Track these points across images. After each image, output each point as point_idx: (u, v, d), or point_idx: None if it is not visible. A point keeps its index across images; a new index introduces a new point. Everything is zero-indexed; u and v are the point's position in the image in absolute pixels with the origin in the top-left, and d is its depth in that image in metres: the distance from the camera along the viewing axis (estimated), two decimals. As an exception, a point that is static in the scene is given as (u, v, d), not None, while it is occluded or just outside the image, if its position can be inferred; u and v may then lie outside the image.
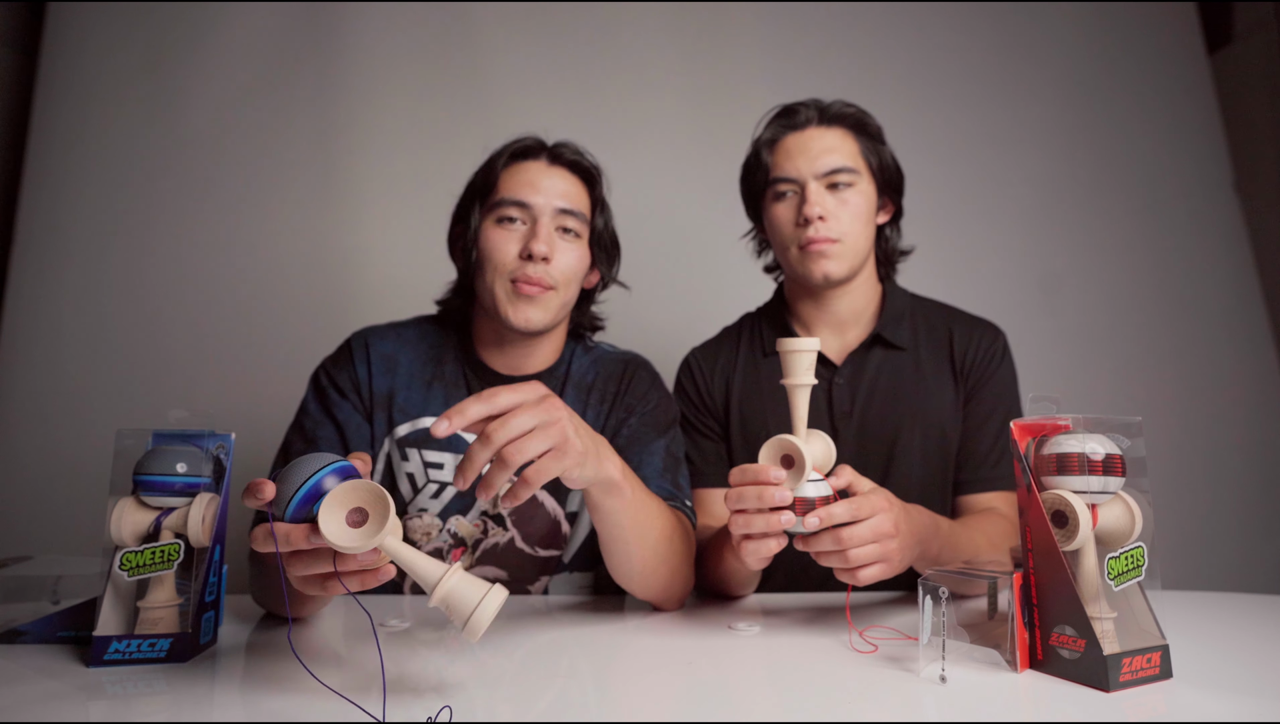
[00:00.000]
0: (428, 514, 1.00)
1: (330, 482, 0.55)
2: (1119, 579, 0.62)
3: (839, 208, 1.05)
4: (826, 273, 1.05)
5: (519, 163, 1.01)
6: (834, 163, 1.05)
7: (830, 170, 1.05)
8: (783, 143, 1.08)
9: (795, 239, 1.06)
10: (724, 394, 1.14)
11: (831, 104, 1.09)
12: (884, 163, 1.10)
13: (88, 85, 1.78)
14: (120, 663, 0.66)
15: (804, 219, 1.04)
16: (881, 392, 1.09)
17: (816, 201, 1.03)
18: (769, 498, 0.71)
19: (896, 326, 1.11)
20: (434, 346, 1.05)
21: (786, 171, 1.06)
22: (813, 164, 1.05)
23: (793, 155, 1.07)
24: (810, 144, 1.06)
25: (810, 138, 1.07)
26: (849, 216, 1.05)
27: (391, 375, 1.02)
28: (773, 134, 1.10)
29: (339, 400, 1.00)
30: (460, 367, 1.04)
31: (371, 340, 1.03)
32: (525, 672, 0.69)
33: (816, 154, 1.05)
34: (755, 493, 0.72)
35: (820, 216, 1.03)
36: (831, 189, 1.05)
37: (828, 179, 1.05)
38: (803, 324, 1.14)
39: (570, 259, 0.98)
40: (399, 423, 1.00)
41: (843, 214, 1.05)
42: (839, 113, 1.08)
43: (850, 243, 1.05)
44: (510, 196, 0.98)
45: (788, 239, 1.07)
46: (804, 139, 1.07)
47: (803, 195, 1.05)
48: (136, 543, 0.69)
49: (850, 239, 1.05)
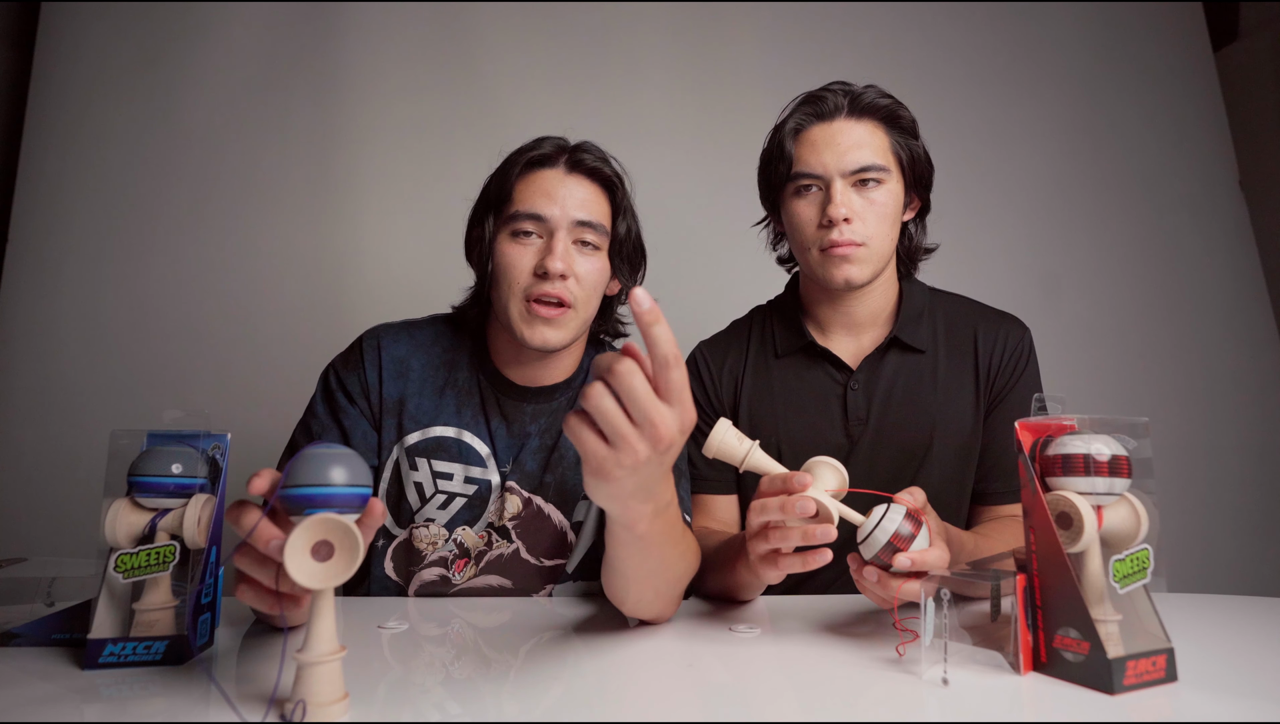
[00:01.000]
0: (434, 524, 0.98)
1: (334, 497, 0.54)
2: (1124, 581, 0.62)
3: (866, 208, 0.98)
4: (849, 278, 0.99)
5: (535, 171, 0.95)
6: (863, 160, 0.97)
7: (859, 168, 0.97)
8: (808, 133, 1.00)
9: (817, 241, 0.99)
10: (732, 395, 1.10)
11: (863, 92, 1.00)
12: (915, 157, 1.02)
13: (83, 83, 1.78)
14: (115, 665, 0.66)
15: (828, 220, 0.97)
16: (899, 397, 1.04)
17: (843, 202, 0.96)
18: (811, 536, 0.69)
19: (915, 328, 1.06)
20: (448, 351, 1.02)
21: (811, 166, 0.99)
22: (840, 160, 0.97)
23: (819, 149, 0.99)
24: (838, 137, 0.98)
25: (838, 131, 0.99)
26: (876, 218, 0.98)
27: (403, 380, 0.99)
28: (798, 123, 1.01)
29: (346, 406, 0.98)
30: (475, 375, 1.01)
31: (384, 342, 1.00)
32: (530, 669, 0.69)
33: (845, 149, 0.97)
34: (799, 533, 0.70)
35: (846, 219, 0.96)
36: (859, 186, 0.98)
37: (855, 177, 0.98)
38: (817, 324, 1.09)
39: (589, 274, 0.94)
40: (409, 431, 0.98)
41: (869, 215, 0.98)
42: (871, 104, 1.00)
43: (876, 246, 0.99)
44: (525, 209, 0.93)
45: (809, 240, 1.00)
46: (831, 131, 0.99)
47: (827, 193, 0.98)
48: (131, 545, 0.68)
49: (876, 242, 0.98)
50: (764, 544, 0.73)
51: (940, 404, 1.04)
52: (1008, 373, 1.05)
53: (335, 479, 0.53)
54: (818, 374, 1.07)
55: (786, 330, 1.10)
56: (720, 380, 1.11)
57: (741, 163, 1.13)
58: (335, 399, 0.99)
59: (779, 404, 1.07)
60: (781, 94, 1.10)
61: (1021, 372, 1.05)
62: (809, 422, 1.06)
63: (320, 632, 0.54)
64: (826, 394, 1.06)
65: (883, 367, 1.06)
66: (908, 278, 1.11)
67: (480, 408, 1.00)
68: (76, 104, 1.78)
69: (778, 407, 1.07)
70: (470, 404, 1.00)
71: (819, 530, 0.69)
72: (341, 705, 0.54)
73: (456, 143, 1.81)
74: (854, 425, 1.04)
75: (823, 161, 0.98)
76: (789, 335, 1.09)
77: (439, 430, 0.99)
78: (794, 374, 1.08)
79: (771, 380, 1.09)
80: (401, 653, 0.74)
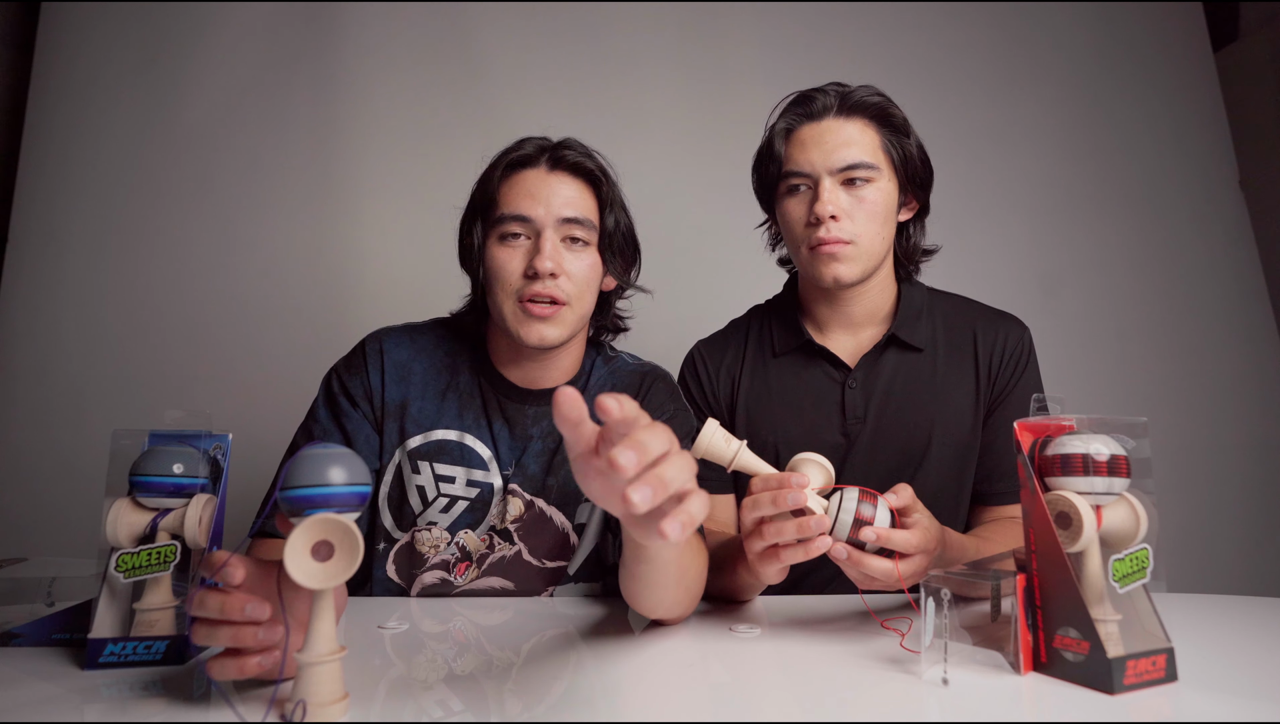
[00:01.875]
0: (437, 528, 0.98)
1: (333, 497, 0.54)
2: (1124, 581, 0.62)
3: (854, 206, 0.98)
4: (836, 276, 0.99)
5: (517, 172, 0.95)
6: (851, 157, 0.97)
7: (846, 166, 0.97)
8: (798, 133, 1.01)
9: (805, 239, 1.00)
10: (730, 394, 1.10)
11: (854, 91, 1.01)
12: (908, 156, 1.02)
13: (83, 83, 1.79)
14: (116, 665, 0.66)
15: (815, 217, 0.97)
16: (897, 395, 1.04)
17: (830, 200, 0.97)
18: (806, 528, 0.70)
19: (913, 326, 1.06)
20: (449, 355, 1.02)
21: (799, 165, 0.99)
22: (828, 158, 0.98)
23: (807, 147, 0.99)
24: (826, 136, 0.98)
25: (827, 129, 0.99)
26: (864, 216, 0.98)
27: (405, 384, 0.99)
28: (788, 122, 1.02)
29: (349, 410, 0.98)
30: (476, 378, 1.01)
31: (386, 346, 1.01)
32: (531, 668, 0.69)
33: (832, 147, 0.98)
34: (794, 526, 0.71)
35: (833, 216, 0.96)
36: (848, 185, 0.98)
37: (844, 175, 0.98)
38: (815, 323, 1.09)
39: (581, 270, 0.94)
40: (411, 434, 0.98)
41: (858, 213, 0.98)
42: (860, 102, 1.00)
43: (865, 244, 0.99)
44: (510, 212, 0.93)
45: (799, 238, 1.01)
46: (820, 130, 0.99)
47: (816, 191, 0.98)
48: (132, 544, 0.68)
49: (865, 240, 0.98)
50: (760, 541, 0.73)
51: (939, 403, 1.04)
52: (1008, 373, 1.05)
53: (334, 479, 0.53)
54: (815, 373, 1.07)
55: (784, 329, 1.10)
56: (718, 380, 1.11)
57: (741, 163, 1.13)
58: (338, 403, 0.99)
59: (777, 403, 1.07)
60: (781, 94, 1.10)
61: (1022, 371, 1.05)
62: (807, 421, 1.06)
63: (320, 632, 0.54)
64: (824, 393, 1.06)
65: (881, 365, 1.06)
66: (907, 280, 1.11)
67: (482, 411, 1.00)
68: (76, 104, 1.78)
69: (775, 406, 1.07)
70: (472, 407, 1.00)
71: (813, 521, 0.70)
72: (341, 705, 0.54)
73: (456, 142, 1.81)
74: (852, 424, 1.04)
75: (810, 160, 0.98)
76: (787, 334, 1.09)
77: (441, 433, 0.99)
78: (792, 373, 1.08)
79: (769, 379, 1.09)
80: (402, 652, 0.74)
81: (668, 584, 0.75)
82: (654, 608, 0.79)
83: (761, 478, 0.73)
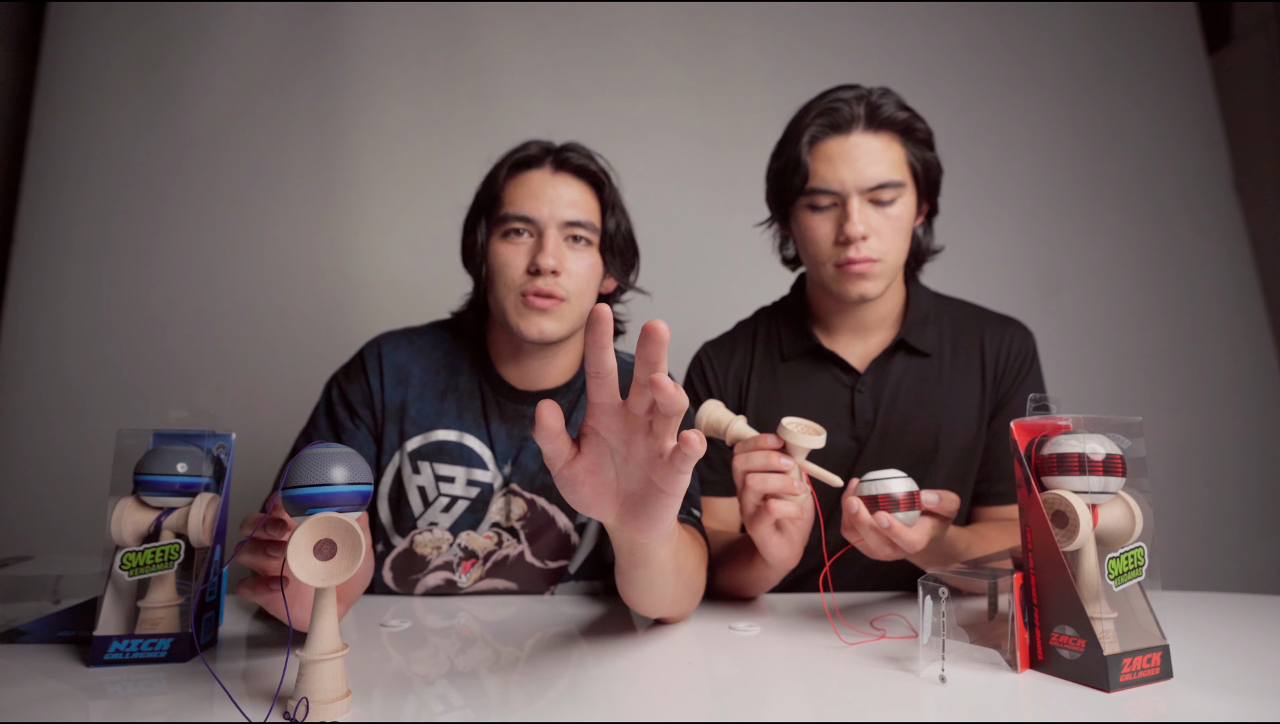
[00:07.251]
0: (438, 528, 0.99)
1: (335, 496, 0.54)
2: (1119, 579, 0.62)
3: (882, 224, 0.96)
4: (863, 294, 0.98)
5: (522, 173, 0.97)
6: (880, 176, 0.95)
7: (876, 185, 0.96)
8: (823, 146, 0.98)
9: (833, 257, 0.98)
10: (737, 398, 1.10)
11: (881, 104, 0.98)
12: (929, 167, 1.01)
13: (88, 85, 1.79)
14: (121, 663, 0.66)
15: (845, 237, 0.96)
16: (905, 400, 1.05)
17: (860, 220, 0.95)
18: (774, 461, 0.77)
19: (921, 331, 1.06)
20: (449, 356, 1.03)
21: (828, 182, 0.97)
22: (858, 176, 0.95)
23: (835, 164, 0.96)
24: (855, 153, 0.96)
25: (855, 145, 0.96)
26: (891, 233, 0.97)
27: (404, 386, 1.00)
28: (813, 134, 0.98)
29: (348, 424, 0.98)
30: (476, 379, 1.02)
31: (385, 350, 1.02)
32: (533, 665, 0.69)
33: (862, 165, 0.95)
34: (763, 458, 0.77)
35: (863, 236, 0.95)
36: (875, 203, 0.97)
37: (873, 194, 0.96)
38: (824, 327, 1.09)
39: (581, 269, 0.95)
40: (411, 435, 0.99)
41: (885, 230, 0.97)
42: (889, 118, 0.97)
43: (891, 260, 0.98)
44: (514, 211, 0.94)
45: (824, 256, 0.99)
46: (848, 146, 0.96)
47: (844, 210, 0.96)
48: (137, 543, 0.68)
49: (892, 256, 0.98)
50: (750, 494, 0.78)
51: (946, 407, 1.04)
52: (1012, 376, 1.05)
53: (336, 478, 0.54)
54: (824, 377, 1.07)
55: (793, 333, 1.10)
56: (726, 382, 1.11)
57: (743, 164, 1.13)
58: (337, 415, 0.99)
59: (785, 407, 1.07)
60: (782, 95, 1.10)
61: (1025, 375, 1.06)
62: None
63: (323, 630, 0.54)
64: (833, 397, 1.06)
65: (889, 369, 1.06)
66: (913, 281, 1.11)
67: (481, 411, 1.01)
68: (81, 106, 1.78)
69: (784, 409, 1.07)
70: (471, 407, 1.01)
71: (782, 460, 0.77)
72: (344, 703, 0.55)
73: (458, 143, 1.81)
74: (861, 428, 1.05)
75: (840, 178, 0.96)
76: (795, 338, 1.09)
77: (440, 434, 0.99)
78: (800, 377, 1.08)
79: (778, 383, 1.09)
80: (404, 650, 0.74)
81: (667, 583, 0.75)
82: (656, 608, 0.79)
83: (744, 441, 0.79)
